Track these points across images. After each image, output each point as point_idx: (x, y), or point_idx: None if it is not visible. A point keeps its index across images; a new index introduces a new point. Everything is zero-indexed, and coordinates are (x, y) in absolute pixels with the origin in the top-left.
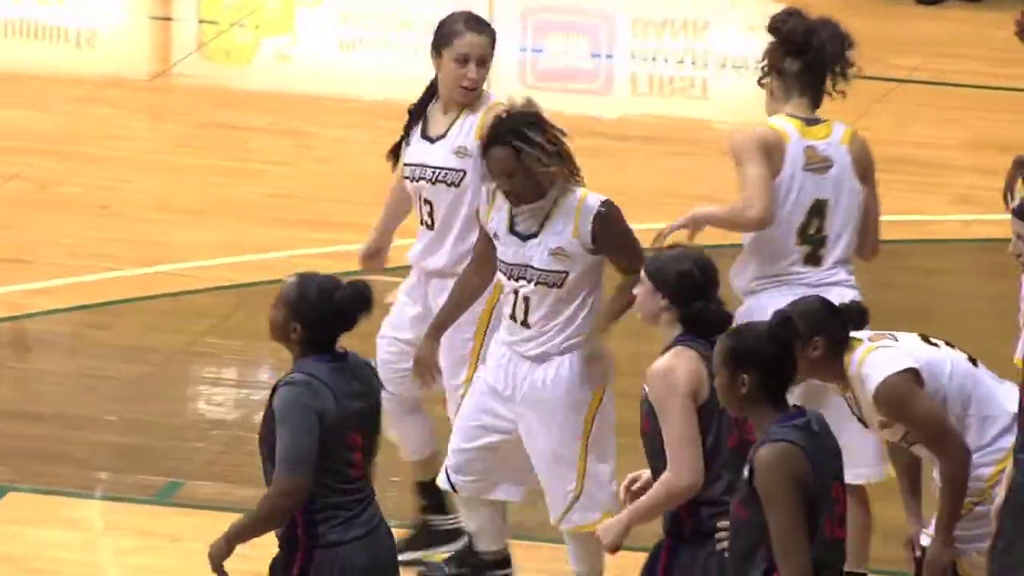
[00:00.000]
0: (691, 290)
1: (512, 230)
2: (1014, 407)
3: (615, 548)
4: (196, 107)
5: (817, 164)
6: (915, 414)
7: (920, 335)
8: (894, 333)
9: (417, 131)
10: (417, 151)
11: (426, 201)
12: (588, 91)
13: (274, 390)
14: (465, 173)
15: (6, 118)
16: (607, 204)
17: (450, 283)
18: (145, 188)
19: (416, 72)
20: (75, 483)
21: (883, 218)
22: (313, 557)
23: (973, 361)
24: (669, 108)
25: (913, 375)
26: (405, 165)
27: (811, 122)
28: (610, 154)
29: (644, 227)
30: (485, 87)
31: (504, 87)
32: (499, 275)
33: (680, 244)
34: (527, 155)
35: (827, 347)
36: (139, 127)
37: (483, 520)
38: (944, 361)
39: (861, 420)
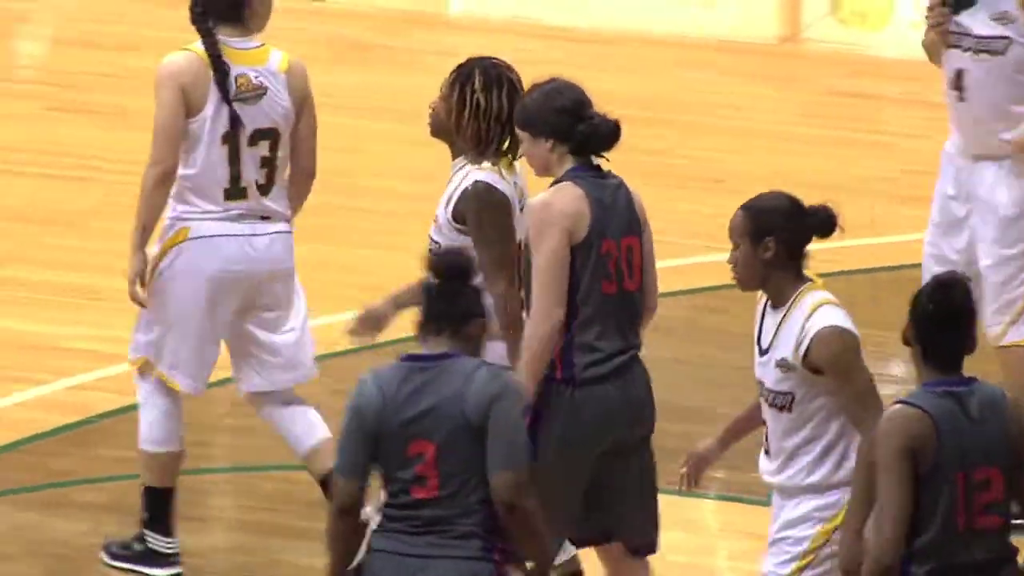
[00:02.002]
0: (570, 117)
1: None
2: None
3: None
4: (826, 74)
5: None
6: (857, 372)
7: None
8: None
9: None
10: None
11: None
12: None
13: None
14: None
15: (602, 82)
16: (476, 184)
17: None
18: (765, 161)
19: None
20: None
21: None
22: None
23: None
24: None
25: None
26: None
27: None
28: None
29: None
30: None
31: None
32: None
33: (543, 81)
34: (452, 98)
35: (779, 250)
36: (761, 95)
37: None
38: None
39: (759, 341)
